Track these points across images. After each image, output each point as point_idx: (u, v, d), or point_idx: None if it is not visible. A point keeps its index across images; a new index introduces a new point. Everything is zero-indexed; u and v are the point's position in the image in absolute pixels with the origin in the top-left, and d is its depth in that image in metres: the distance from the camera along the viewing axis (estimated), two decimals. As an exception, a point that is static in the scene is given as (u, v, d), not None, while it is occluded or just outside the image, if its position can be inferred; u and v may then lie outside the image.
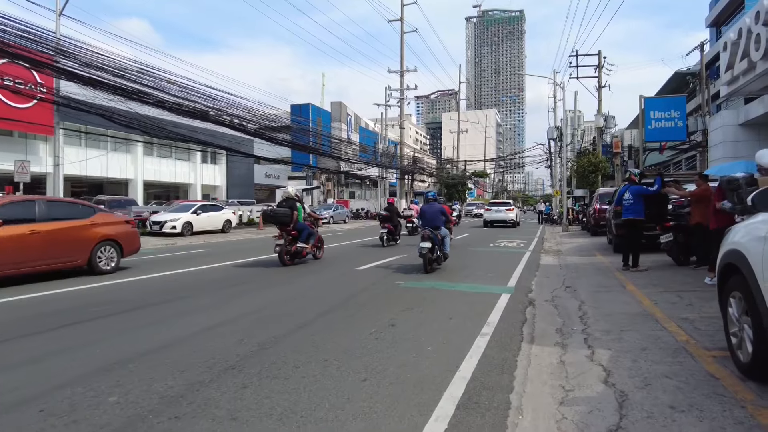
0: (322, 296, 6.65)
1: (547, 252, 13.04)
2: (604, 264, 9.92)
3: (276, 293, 6.88)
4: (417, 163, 50.00)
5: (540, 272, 9.05)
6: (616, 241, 11.85)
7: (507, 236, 19.06)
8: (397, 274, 8.51)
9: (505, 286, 7.30)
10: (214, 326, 4.87)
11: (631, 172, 9.11)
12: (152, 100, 16.07)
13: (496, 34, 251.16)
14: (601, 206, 18.04)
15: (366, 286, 7.24)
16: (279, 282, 7.83)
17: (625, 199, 8.70)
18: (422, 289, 6.94)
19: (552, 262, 10.70)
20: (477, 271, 8.88)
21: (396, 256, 11.51)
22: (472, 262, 10.53)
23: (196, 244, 16.49)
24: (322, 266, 9.79)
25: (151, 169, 36.03)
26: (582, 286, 7.21)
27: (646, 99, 31.89)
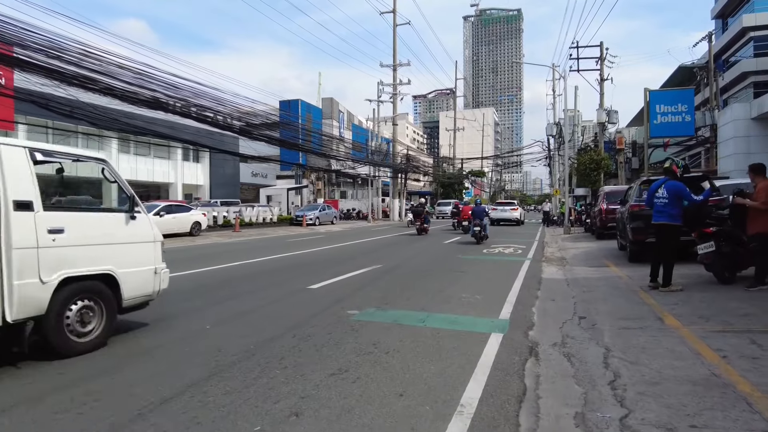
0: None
1: (549, 260, 11.08)
2: (621, 279, 7.96)
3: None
4: (411, 161, 48.00)
5: (543, 291, 7.08)
6: (633, 249, 9.91)
7: (504, 239, 17.09)
8: (357, 297, 6.55)
9: (497, 318, 5.32)
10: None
11: (672, 161, 7.08)
12: (97, 86, 14.08)
13: (494, 33, 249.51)
14: (609, 206, 16.11)
15: (307, 318, 5.26)
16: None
17: (658, 197, 6.73)
18: (378, 325, 4.96)
19: (556, 275, 8.74)
20: (462, 292, 6.91)
21: (364, 269, 9.54)
22: (458, 277, 8.55)
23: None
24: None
25: (127, 167, 33.89)
26: (601, 318, 5.25)
27: (651, 92, 29.97)
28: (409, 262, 10.80)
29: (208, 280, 8.18)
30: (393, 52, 41.99)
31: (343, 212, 43.12)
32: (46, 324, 3.85)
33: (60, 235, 3.98)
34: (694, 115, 29.18)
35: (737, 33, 36.95)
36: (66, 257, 4.01)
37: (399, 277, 8.55)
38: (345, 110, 57.41)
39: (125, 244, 4.58)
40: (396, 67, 42.16)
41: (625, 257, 10.79)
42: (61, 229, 4.00)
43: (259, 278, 8.36)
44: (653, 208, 6.86)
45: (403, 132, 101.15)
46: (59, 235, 3.97)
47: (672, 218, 6.59)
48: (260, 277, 8.44)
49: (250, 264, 10.44)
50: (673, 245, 6.73)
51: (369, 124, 57.81)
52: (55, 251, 3.94)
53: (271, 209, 28.14)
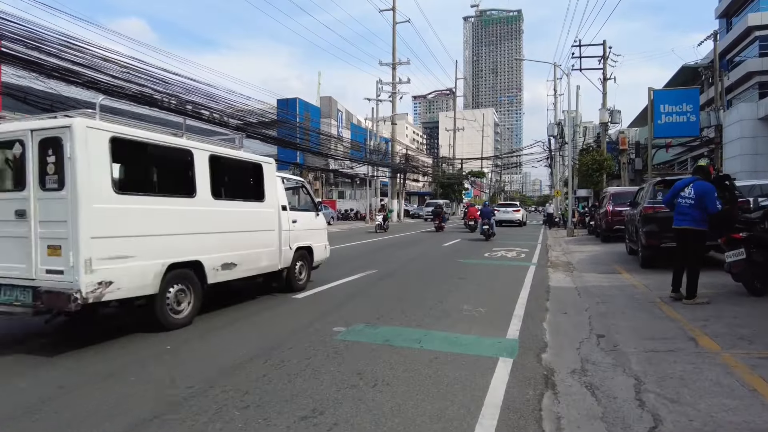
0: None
1: (555, 266, 10.40)
2: (636, 288, 7.27)
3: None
4: (410, 161, 47.32)
5: (552, 303, 6.40)
6: (645, 254, 9.23)
7: (506, 242, 16.42)
8: (346, 309, 5.87)
9: (504, 336, 4.63)
10: None
11: (710, 161, 6.44)
12: (80, 80, 13.38)
13: (494, 33, 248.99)
14: (615, 208, 15.43)
15: (285, 337, 4.58)
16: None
17: (684, 197, 6.05)
18: (366, 347, 4.27)
19: (565, 283, 8.06)
20: (463, 303, 6.22)
21: (358, 274, 8.86)
22: (458, 284, 7.86)
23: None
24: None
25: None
26: (624, 337, 4.57)
27: (655, 91, 29.31)
28: (406, 267, 10.12)
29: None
30: (392, 50, 41.33)
31: (341, 213, 42.44)
32: (287, 274, 6.91)
33: (295, 224, 7.07)
34: (699, 115, 28.51)
35: (742, 32, 36.34)
36: (297, 236, 7.16)
37: (394, 284, 7.87)
38: (344, 109, 56.70)
39: (315, 230, 7.81)
40: (395, 65, 41.48)
41: (636, 262, 10.12)
42: (296, 221, 7.12)
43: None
44: (674, 210, 6.19)
45: (402, 132, 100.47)
46: (295, 224, 7.06)
47: (697, 222, 5.92)
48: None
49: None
50: (700, 253, 6.06)
51: (368, 124, 57.15)
52: (294, 233, 7.05)
53: None
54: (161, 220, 4.78)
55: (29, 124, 4.37)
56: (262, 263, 6.27)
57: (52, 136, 4.15)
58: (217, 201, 5.56)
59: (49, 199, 4.17)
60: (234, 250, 5.70)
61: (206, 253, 5.25)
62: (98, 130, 4.26)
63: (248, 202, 6.25)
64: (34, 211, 4.21)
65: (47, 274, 4.13)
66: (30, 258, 4.19)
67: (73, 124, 4.09)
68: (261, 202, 6.37)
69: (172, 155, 5.25)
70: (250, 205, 6.24)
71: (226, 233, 5.62)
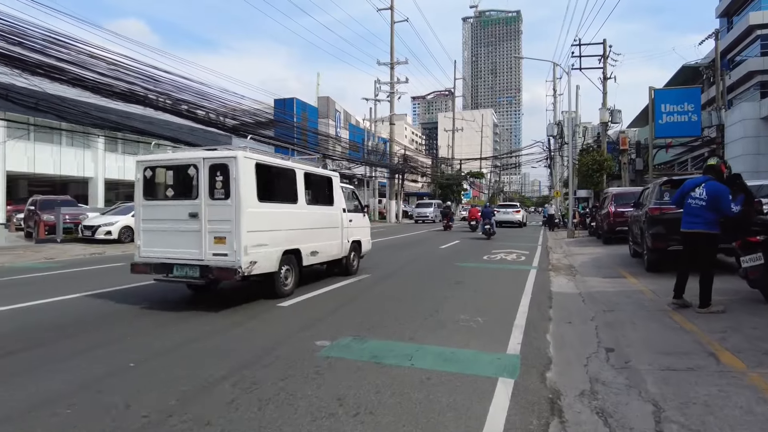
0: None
1: (556, 269, 9.99)
2: (644, 294, 6.86)
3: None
4: (408, 162, 46.89)
5: (556, 310, 5.98)
6: (651, 257, 8.81)
7: (505, 243, 16.01)
8: (334, 319, 5.45)
9: (504, 351, 4.21)
10: None
11: (721, 160, 6.03)
12: (65, 77, 12.96)
13: (493, 34, 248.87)
14: (618, 209, 15.03)
15: (262, 353, 4.16)
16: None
17: (694, 197, 5.64)
18: (351, 365, 3.84)
19: (568, 289, 7.64)
20: (460, 311, 5.80)
21: (350, 279, 8.44)
22: (456, 290, 7.44)
23: (127, 255, 13.40)
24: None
25: (115, 166, 32.79)
26: (636, 351, 4.16)
27: (656, 91, 28.96)
28: (401, 271, 9.71)
29: (165, 293, 7.06)
30: (390, 49, 40.95)
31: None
32: (346, 261, 8.70)
33: (350, 223, 8.81)
34: (700, 114, 28.13)
35: (743, 31, 35.99)
36: (352, 232, 8.87)
37: (388, 290, 7.45)
38: (342, 109, 56.26)
39: (363, 228, 9.65)
40: (393, 64, 41.10)
41: (641, 266, 9.71)
42: (351, 220, 8.85)
43: (224, 291, 7.25)
44: (685, 211, 5.78)
45: (401, 133, 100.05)
46: (350, 222, 8.77)
47: (709, 225, 5.51)
48: (226, 290, 7.33)
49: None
50: (712, 257, 5.65)
51: (366, 124, 56.72)
52: (350, 230, 8.76)
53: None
54: (280, 219, 6.69)
55: (201, 153, 6.24)
56: (333, 252, 8.21)
57: (220, 163, 5.97)
58: (308, 206, 7.49)
59: (216, 205, 5.96)
60: (317, 241, 7.61)
61: (302, 244, 7.13)
62: (249, 159, 6.07)
63: (325, 206, 8.10)
64: (204, 213, 6.01)
65: (214, 256, 5.93)
66: (200, 246, 5.99)
67: (237, 155, 5.90)
68: (332, 206, 8.30)
69: (285, 174, 7.08)
70: (325, 208, 8.11)
71: (313, 229, 7.56)
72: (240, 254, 5.77)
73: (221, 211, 5.92)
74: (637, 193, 15.70)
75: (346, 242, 8.65)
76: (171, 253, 6.15)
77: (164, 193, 6.53)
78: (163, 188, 6.59)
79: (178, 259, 6.08)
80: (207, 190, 6.00)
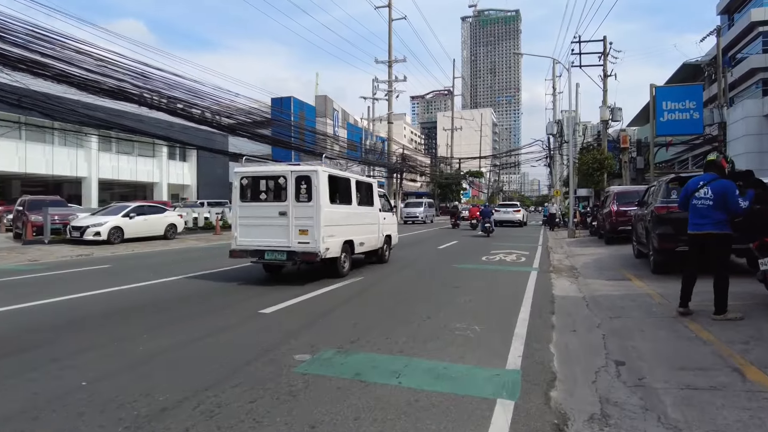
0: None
1: (558, 271, 9.58)
2: (651, 298, 6.45)
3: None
4: (407, 161, 46.44)
5: (559, 316, 5.57)
6: (657, 259, 8.39)
7: (505, 243, 15.60)
8: (318, 328, 5.03)
9: (503, 367, 3.79)
10: None
11: (720, 154, 5.64)
12: (49, 73, 12.52)
13: (492, 34, 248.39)
14: (620, 208, 14.62)
15: (235, 368, 3.74)
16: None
17: (699, 197, 5.25)
18: (331, 384, 3.42)
19: (571, 292, 7.23)
20: (456, 319, 5.38)
21: (341, 282, 8.02)
22: (452, 294, 7.02)
23: (115, 256, 13.01)
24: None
25: (108, 166, 32.35)
26: (649, 365, 3.74)
27: (657, 88, 28.52)
28: (396, 274, 9.29)
29: (141, 299, 6.64)
30: (388, 47, 40.48)
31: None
32: (380, 251, 10.48)
33: (384, 220, 10.62)
34: (702, 112, 27.72)
35: (745, 28, 35.56)
36: (385, 228, 10.65)
37: (380, 295, 7.04)
38: (339, 108, 55.84)
39: (392, 224, 11.38)
40: (391, 63, 40.64)
41: (646, 267, 9.31)
42: (385, 218, 10.72)
43: (208, 297, 6.83)
44: (691, 212, 5.38)
45: (400, 133, 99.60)
46: (384, 220, 10.61)
47: (720, 225, 5.10)
48: (210, 296, 6.91)
49: (206, 276, 8.91)
50: (726, 259, 5.24)
51: (364, 123, 56.29)
52: (384, 225, 10.54)
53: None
54: (342, 217, 8.51)
55: (289, 167, 8.23)
56: (373, 243, 10.05)
57: (305, 175, 7.84)
58: (358, 206, 9.36)
59: (300, 206, 7.77)
60: (364, 235, 9.43)
61: (354, 236, 8.93)
62: (325, 172, 7.95)
63: (368, 207, 9.97)
64: (291, 212, 7.80)
65: (299, 244, 7.73)
66: (288, 236, 7.78)
67: (317, 170, 7.79)
68: (372, 207, 10.19)
69: (345, 182, 8.97)
70: (368, 208, 9.96)
71: (361, 225, 9.42)
72: (319, 242, 7.66)
73: (305, 210, 7.76)
74: (640, 192, 15.28)
75: (381, 236, 10.54)
76: (263, 242, 7.98)
77: (258, 196, 8.54)
78: (256, 193, 8.59)
79: (269, 246, 7.90)
80: (294, 194, 7.86)
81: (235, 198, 8.34)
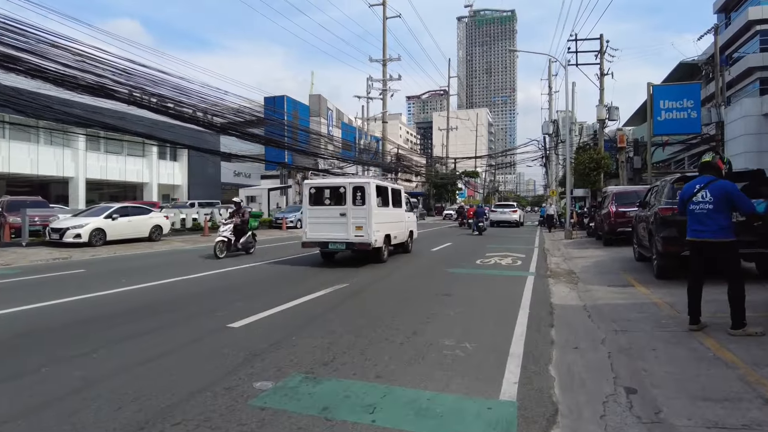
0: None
1: (556, 276, 9.06)
2: (658, 307, 5.93)
3: None
4: (402, 161, 45.90)
5: (558, 331, 5.03)
6: (661, 263, 7.89)
7: (500, 245, 15.09)
8: (288, 347, 4.47)
9: (497, 397, 3.25)
10: None
11: (717, 154, 5.18)
12: (21, 67, 11.90)
13: (488, 34, 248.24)
14: (619, 209, 14.15)
15: (180, 400, 3.18)
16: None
17: (697, 201, 4.77)
18: (291, 422, 2.88)
19: (570, 300, 6.71)
20: (444, 335, 4.84)
21: (323, 291, 7.46)
22: (442, 304, 6.48)
23: (95, 259, 12.42)
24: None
25: (96, 166, 31.60)
26: (665, 395, 3.21)
27: (654, 86, 28.10)
28: (384, 279, 8.75)
29: (103, 310, 6.07)
30: (383, 45, 39.91)
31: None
32: (405, 243, 13.00)
33: (408, 218, 13.44)
34: (700, 111, 27.33)
35: (742, 27, 35.31)
36: (409, 225, 13.45)
37: (363, 305, 6.49)
38: (334, 108, 55.16)
39: (414, 221, 14.19)
40: (385, 61, 40.09)
41: (648, 271, 8.82)
42: (409, 216, 13.64)
43: (176, 307, 6.26)
44: (689, 218, 4.89)
45: (396, 132, 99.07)
46: (408, 218, 13.43)
47: (721, 233, 4.61)
48: (179, 305, 6.34)
49: (181, 282, 8.34)
50: (737, 267, 4.73)
51: (359, 122, 55.74)
52: (408, 222, 13.36)
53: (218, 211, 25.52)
54: (384, 217, 10.88)
55: (347, 180, 10.75)
56: (402, 237, 12.40)
57: (360, 185, 10.35)
58: (392, 208, 11.77)
59: (356, 209, 10.21)
60: (396, 230, 11.85)
61: (391, 231, 11.32)
62: (373, 183, 10.45)
63: (398, 208, 12.31)
64: (349, 213, 10.22)
65: (355, 237, 10.15)
66: (347, 231, 10.20)
67: (369, 182, 10.41)
68: (401, 208, 12.65)
69: (385, 189, 11.51)
70: (399, 209, 12.41)
71: (395, 222, 11.88)
72: (371, 236, 10.13)
73: (360, 212, 10.26)
74: (639, 192, 14.82)
75: (407, 231, 13.14)
76: (327, 236, 10.44)
77: (322, 202, 10.82)
78: (321, 199, 10.85)
79: (332, 239, 10.40)
80: (351, 200, 10.33)
81: (305, 203, 10.85)
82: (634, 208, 13.12)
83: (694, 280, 4.83)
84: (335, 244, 10.35)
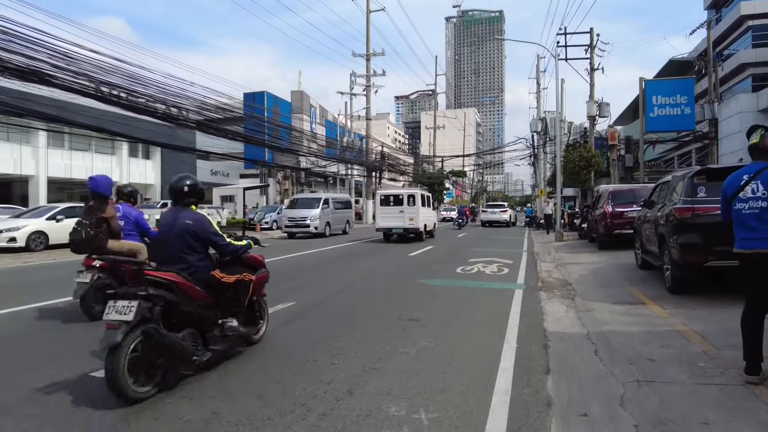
0: None
1: (549, 288, 7.63)
2: (684, 336, 4.51)
3: None
4: (387, 159, 44.38)
5: (557, 382, 3.56)
6: (677, 275, 6.46)
7: (486, 249, 13.67)
8: (188, 400, 2.95)
9: None
10: None
11: (763, 131, 3.72)
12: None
13: (476, 34, 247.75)
14: (616, 209, 12.80)
15: None
16: None
17: (745, 198, 3.42)
18: None
19: (569, 325, 5.26)
20: (390, 397, 3.34)
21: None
22: (401, 339, 4.97)
23: (23, 267, 10.82)
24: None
25: (60, 163, 29.57)
26: None
27: (647, 82, 27.03)
28: (344, 293, 7.25)
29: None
30: (366, 40, 38.44)
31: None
32: (432, 230, 20.44)
33: (425, 213, 18.93)
34: (694, 107, 26.26)
35: (734, 22, 34.41)
36: (431, 219, 20.42)
37: (302, 335, 4.96)
38: (317, 105, 53.44)
39: (434, 216, 22.15)
40: (369, 56, 38.63)
41: (656, 281, 7.47)
42: (431, 213, 20.81)
43: (61, 336, 4.71)
44: (736, 222, 3.50)
45: (384, 132, 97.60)
46: (425, 212, 18.70)
47: None
48: (65, 333, 4.79)
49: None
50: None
51: (341, 119, 54.16)
52: (430, 217, 20.29)
53: (219, 212, 24.05)
54: (423, 213, 18.09)
55: (404, 191, 19.41)
56: (430, 226, 19.23)
57: (412, 194, 18.12)
58: (423, 206, 18.14)
59: (410, 207, 17.67)
60: (429, 221, 19.10)
61: (426, 221, 18.56)
62: (420, 192, 18.92)
63: (427, 207, 19.10)
64: (405, 210, 17.63)
65: (409, 225, 17.48)
66: (404, 221, 17.50)
67: (418, 191, 18.59)
68: (429, 207, 19.74)
69: (423, 196, 18.54)
70: (427, 208, 19.14)
71: (428, 216, 19.21)
72: (420, 224, 17.29)
73: (412, 210, 17.39)
74: (636, 191, 13.48)
75: (432, 222, 19.83)
76: (390, 224, 17.47)
77: (388, 203, 17.78)
78: (387, 201, 17.85)
79: (393, 227, 17.42)
80: (407, 202, 17.43)
81: (376, 204, 18.71)
82: (632, 208, 11.81)
83: (751, 308, 3.40)
84: (397, 230, 17.36)
